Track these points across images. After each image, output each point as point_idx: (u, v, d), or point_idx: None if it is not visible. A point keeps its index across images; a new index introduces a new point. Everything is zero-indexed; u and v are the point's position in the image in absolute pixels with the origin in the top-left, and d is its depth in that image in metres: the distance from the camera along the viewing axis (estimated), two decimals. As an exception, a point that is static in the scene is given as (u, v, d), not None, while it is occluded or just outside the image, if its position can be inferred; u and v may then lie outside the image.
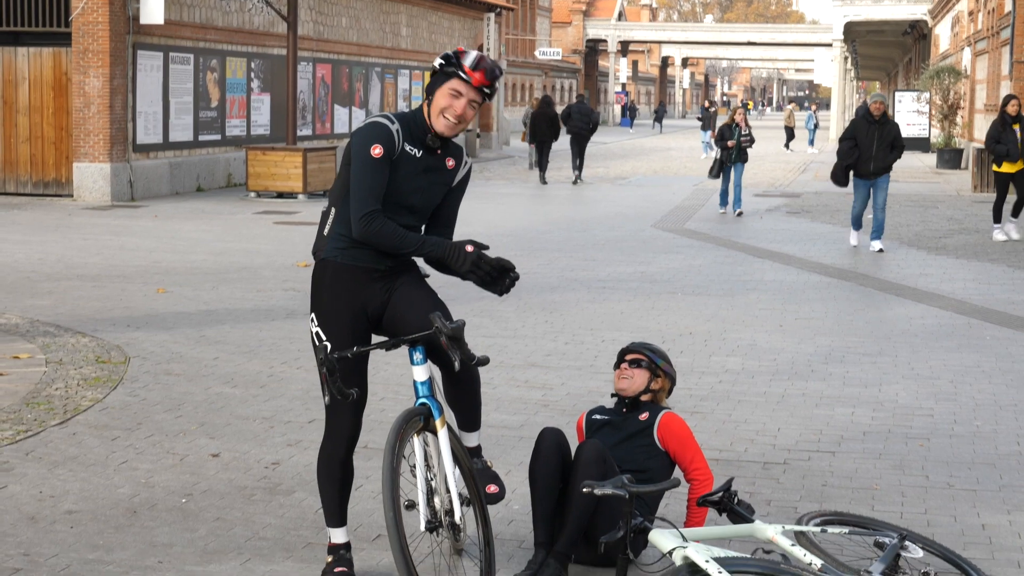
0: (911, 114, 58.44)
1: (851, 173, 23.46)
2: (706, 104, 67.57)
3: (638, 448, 7.79)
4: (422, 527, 6.66)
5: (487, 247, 6.84)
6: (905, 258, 21.90)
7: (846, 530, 7.46)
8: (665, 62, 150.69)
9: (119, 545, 7.80)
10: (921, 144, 58.37)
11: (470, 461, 7.11)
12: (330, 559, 7.25)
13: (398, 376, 12.17)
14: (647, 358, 8.08)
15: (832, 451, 10.26)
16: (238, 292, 17.53)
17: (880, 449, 10.34)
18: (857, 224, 23.99)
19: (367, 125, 6.91)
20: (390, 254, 6.96)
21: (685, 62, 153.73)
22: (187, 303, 16.57)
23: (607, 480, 6.95)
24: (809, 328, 15.62)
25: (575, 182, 41.56)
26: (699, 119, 71.76)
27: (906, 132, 37.74)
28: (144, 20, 31.73)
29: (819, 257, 22.54)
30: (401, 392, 11.62)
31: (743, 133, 30.83)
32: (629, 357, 8.10)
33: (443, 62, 6.87)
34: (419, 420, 6.79)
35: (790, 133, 69.82)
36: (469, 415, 7.26)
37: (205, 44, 35.57)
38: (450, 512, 6.84)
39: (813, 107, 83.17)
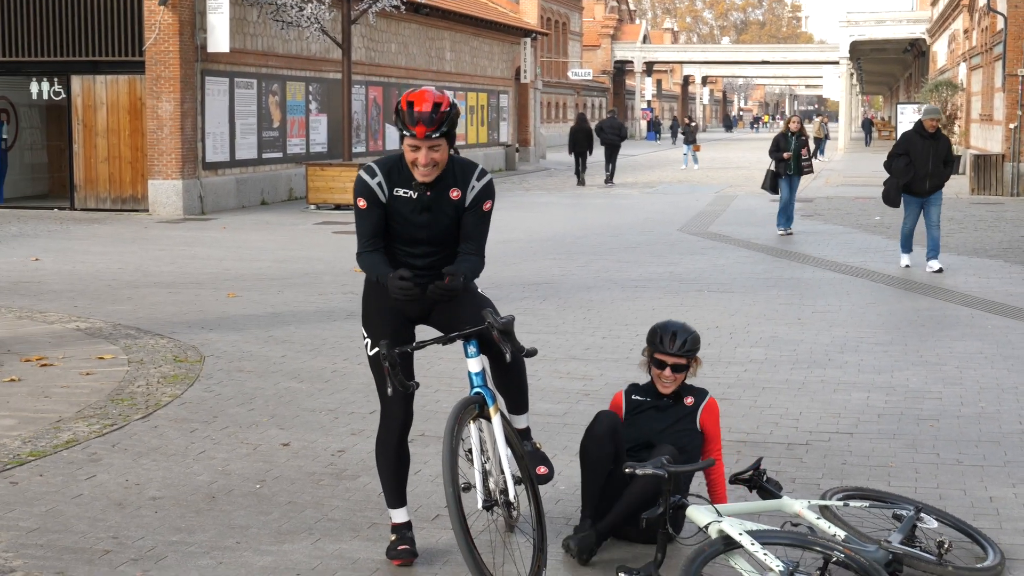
0: (912, 125, 58.14)
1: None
2: (687, 120, 67.29)
3: (683, 432, 7.67)
4: (479, 505, 6.63)
5: (406, 273, 6.72)
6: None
7: (866, 504, 7.45)
8: (686, 80, 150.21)
9: (200, 527, 7.81)
10: (922, 151, 58.03)
11: (522, 445, 7.09)
12: (393, 537, 7.25)
13: (450, 370, 12.17)
14: (686, 360, 7.76)
15: (850, 432, 10.21)
16: (301, 296, 17.54)
17: (894, 430, 10.29)
18: (907, 245, 20.98)
19: (356, 178, 6.99)
20: (424, 272, 7.00)
21: (705, 80, 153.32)
22: (255, 306, 16.59)
23: (647, 461, 6.94)
24: (825, 321, 15.56)
25: (605, 183, 45.09)
26: (682, 133, 71.66)
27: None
28: (211, 49, 31.89)
29: (832, 256, 22.46)
30: (453, 384, 11.62)
31: (800, 141, 26.43)
32: (672, 362, 7.69)
33: (395, 116, 6.82)
34: (475, 408, 6.78)
35: (818, 143, 69.78)
36: (518, 399, 7.25)
37: (267, 70, 35.65)
38: (504, 491, 6.83)
39: (823, 119, 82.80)
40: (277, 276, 19.66)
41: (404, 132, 6.71)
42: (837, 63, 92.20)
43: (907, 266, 20.87)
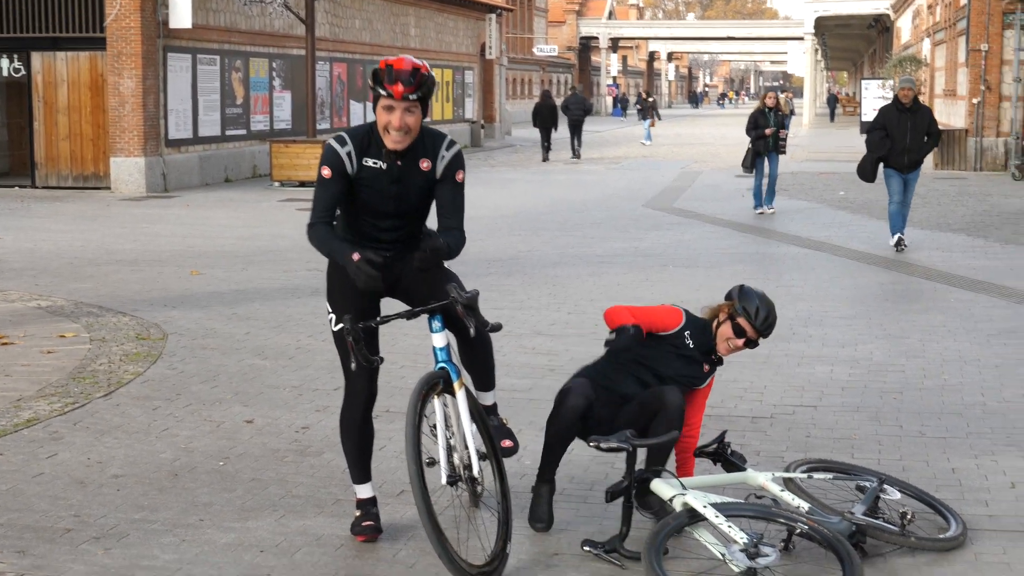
0: (877, 100, 58.25)
1: (880, 166, 19.36)
2: (643, 95, 67.11)
3: (686, 388, 7.50)
4: (443, 481, 6.64)
5: (376, 258, 6.65)
6: (875, 230, 21.84)
7: (830, 476, 7.48)
8: (652, 56, 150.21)
9: (163, 505, 7.80)
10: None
11: (487, 419, 7.08)
12: (358, 513, 7.25)
13: (415, 346, 12.15)
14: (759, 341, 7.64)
15: (814, 405, 10.26)
16: (266, 273, 17.50)
17: (857, 402, 10.34)
18: (896, 223, 19.67)
19: (324, 146, 6.90)
20: (389, 245, 6.98)
21: (670, 56, 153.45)
22: (219, 284, 16.55)
23: (612, 435, 6.94)
24: (790, 295, 15.60)
25: (572, 157, 45.92)
26: (639, 109, 71.47)
27: (872, 117, 37.04)
28: (173, 24, 31.70)
29: (797, 231, 22.51)
30: (419, 360, 11.61)
31: (779, 117, 25.66)
32: (753, 337, 7.60)
33: (371, 81, 6.75)
34: (439, 383, 6.77)
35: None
36: (484, 376, 7.25)
37: (230, 46, 35.48)
38: (469, 467, 6.83)
39: (788, 95, 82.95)
40: (241, 253, 19.60)
41: (381, 92, 6.64)
42: (802, 39, 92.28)
43: (896, 246, 19.63)
